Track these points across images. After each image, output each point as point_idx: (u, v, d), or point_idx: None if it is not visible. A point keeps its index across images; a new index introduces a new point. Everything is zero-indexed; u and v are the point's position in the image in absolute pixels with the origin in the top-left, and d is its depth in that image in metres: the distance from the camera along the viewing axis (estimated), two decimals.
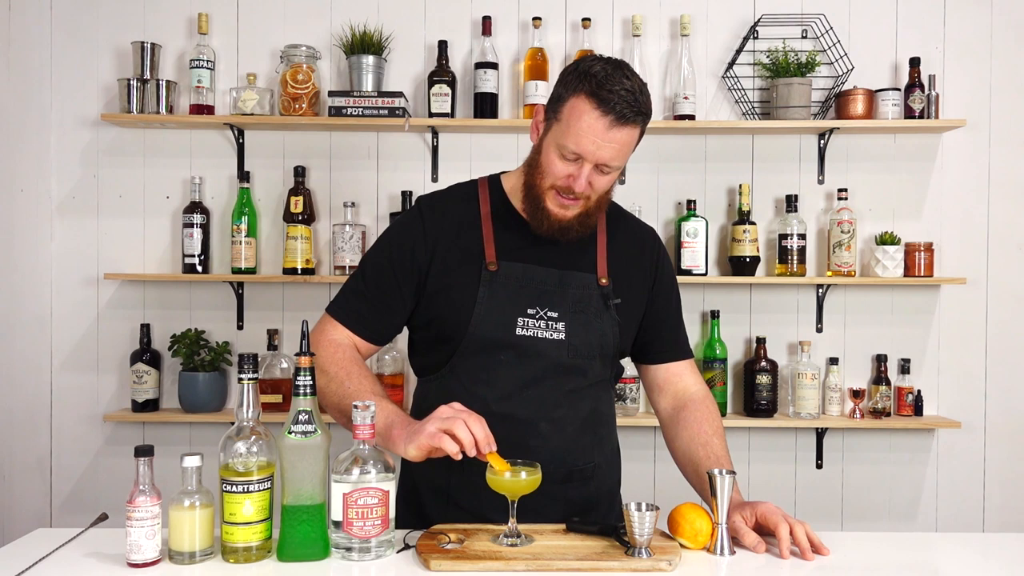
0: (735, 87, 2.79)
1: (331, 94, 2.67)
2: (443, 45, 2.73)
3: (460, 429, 1.32)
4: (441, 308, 1.54)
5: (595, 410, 1.60)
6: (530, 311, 1.53)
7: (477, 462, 1.37)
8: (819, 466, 2.83)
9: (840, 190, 2.75)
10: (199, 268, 2.73)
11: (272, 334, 2.76)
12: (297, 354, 1.34)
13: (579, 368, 1.55)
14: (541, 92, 2.71)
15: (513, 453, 1.40)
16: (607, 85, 1.40)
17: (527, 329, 1.53)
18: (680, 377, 1.69)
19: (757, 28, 2.78)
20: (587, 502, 1.58)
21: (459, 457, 1.32)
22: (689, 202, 2.74)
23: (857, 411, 2.74)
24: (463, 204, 1.60)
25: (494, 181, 1.65)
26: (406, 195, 2.76)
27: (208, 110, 2.73)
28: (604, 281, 1.58)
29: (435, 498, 1.56)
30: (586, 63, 1.45)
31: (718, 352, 2.73)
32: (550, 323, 1.54)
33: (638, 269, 1.65)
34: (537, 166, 1.51)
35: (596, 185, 1.48)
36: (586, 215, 1.51)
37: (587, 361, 1.56)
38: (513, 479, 1.37)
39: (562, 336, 1.54)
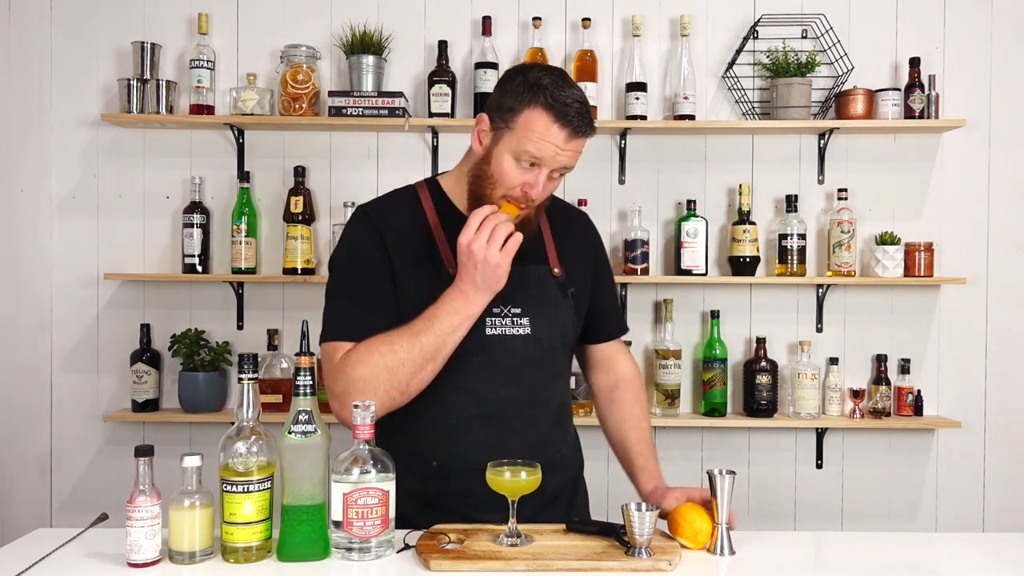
0: (735, 87, 2.79)
1: (331, 94, 2.67)
2: (443, 45, 2.73)
3: (497, 238, 1.39)
4: (410, 314, 1.47)
5: (563, 403, 1.66)
6: (495, 309, 1.52)
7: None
8: (819, 466, 2.83)
9: (840, 190, 2.76)
10: (199, 268, 2.73)
11: (272, 334, 2.76)
12: (297, 354, 1.35)
13: (546, 361, 1.58)
14: None
15: (493, 452, 1.43)
16: (561, 97, 1.42)
17: (495, 328, 1.54)
18: (616, 355, 1.77)
19: (757, 28, 2.78)
20: (556, 491, 1.61)
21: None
22: (689, 202, 2.74)
23: (857, 411, 2.74)
24: (408, 210, 1.59)
25: (433, 184, 1.64)
26: None
27: (208, 110, 2.73)
28: (558, 271, 1.61)
29: (414, 504, 1.52)
30: (533, 74, 1.45)
31: (718, 352, 2.73)
32: (515, 319, 1.55)
33: (582, 254, 1.69)
34: (486, 176, 1.49)
35: (548, 189, 1.51)
36: (528, 220, 1.51)
37: (552, 353, 1.59)
38: (513, 479, 1.38)
39: (528, 331, 1.56)
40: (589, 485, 1.75)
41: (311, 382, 1.33)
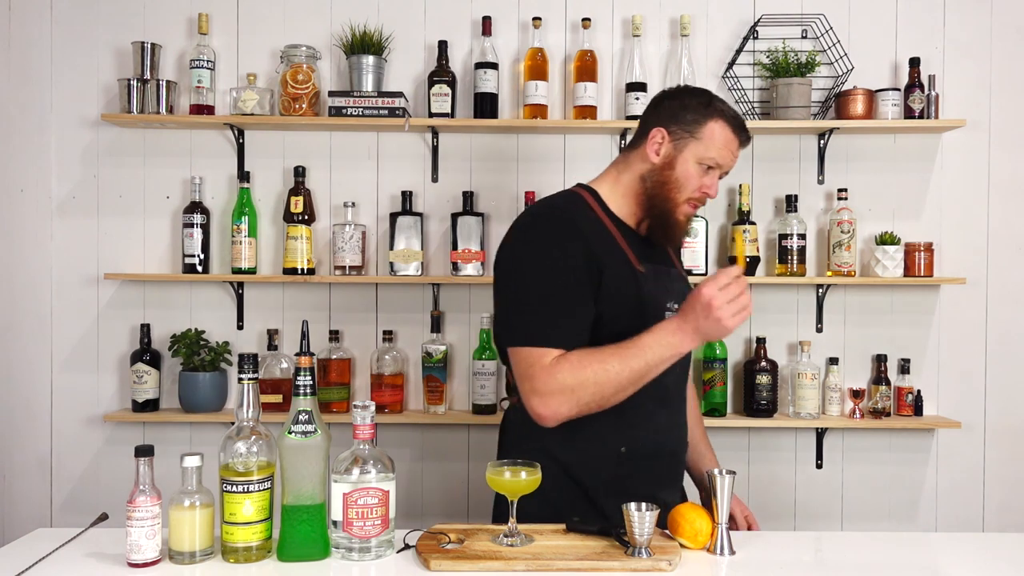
0: (735, 87, 2.79)
1: (331, 94, 2.67)
2: (443, 45, 2.74)
3: (738, 302, 1.48)
4: (616, 310, 1.59)
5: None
6: (668, 308, 1.65)
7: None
8: (819, 466, 2.83)
9: (840, 190, 2.76)
10: (199, 268, 2.73)
11: (272, 334, 2.76)
12: (297, 354, 1.35)
13: (688, 356, 1.70)
14: (541, 92, 2.71)
15: (667, 435, 1.63)
16: (734, 113, 1.68)
17: None
18: None
19: (757, 28, 2.79)
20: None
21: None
22: None
23: (857, 411, 2.74)
24: (588, 213, 1.66)
25: (592, 192, 1.71)
26: (406, 195, 2.76)
27: (208, 110, 2.73)
28: (684, 272, 1.84)
29: (607, 492, 1.58)
30: (704, 94, 1.69)
31: (718, 352, 2.73)
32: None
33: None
34: (671, 182, 1.65)
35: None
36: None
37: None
38: (513, 479, 1.38)
39: None
40: None
41: (311, 382, 1.33)
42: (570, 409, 1.47)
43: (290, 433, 1.31)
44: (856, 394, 2.74)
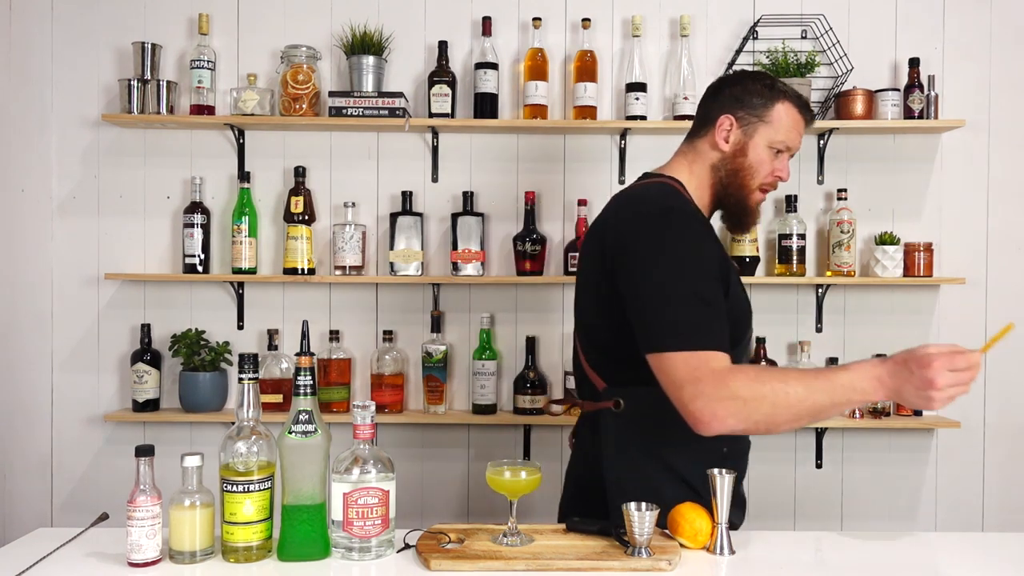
0: None
1: (331, 94, 2.67)
2: (443, 45, 2.74)
3: (961, 381, 1.31)
4: (735, 309, 1.54)
5: None
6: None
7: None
8: (819, 466, 2.83)
9: (840, 190, 2.76)
10: (199, 268, 2.73)
11: (272, 334, 2.76)
12: (297, 354, 1.35)
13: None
14: (541, 92, 2.71)
15: (749, 438, 1.64)
16: (797, 94, 1.65)
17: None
18: None
19: (757, 28, 2.79)
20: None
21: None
22: None
23: (856, 411, 2.74)
24: (695, 208, 1.62)
25: (680, 185, 1.65)
26: (406, 195, 2.76)
27: (208, 110, 2.73)
28: None
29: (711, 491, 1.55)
30: (766, 77, 1.66)
31: None
32: None
33: None
34: (745, 168, 1.63)
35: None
36: None
37: None
38: (513, 479, 1.38)
39: None
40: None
41: (311, 382, 1.33)
42: (738, 422, 1.34)
43: (290, 433, 1.32)
44: None
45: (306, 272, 2.70)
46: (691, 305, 1.42)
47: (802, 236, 2.72)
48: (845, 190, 2.75)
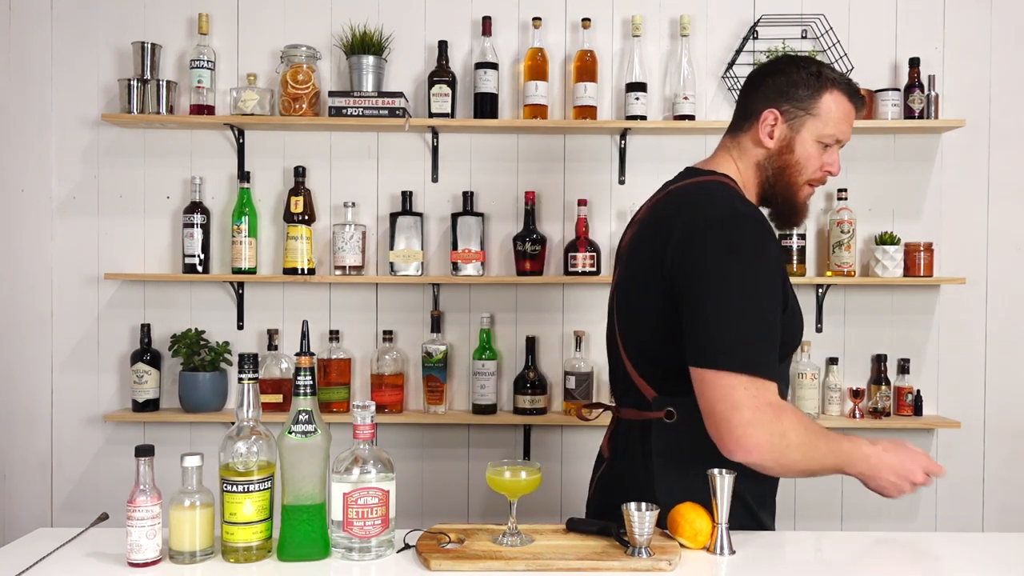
0: (735, 87, 2.79)
1: (331, 94, 2.67)
2: (443, 45, 2.74)
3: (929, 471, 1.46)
4: (793, 319, 1.53)
5: None
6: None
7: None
8: None
9: (840, 190, 2.76)
10: (199, 268, 2.73)
11: (272, 334, 2.76)
12: (297, 354, 1.35)
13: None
14: (541, 92, 2.71)
15: None
16: (846, 80, 1.56)
17: None
18: None
19: (757, 28, 2.79)
20: None
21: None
22: None
23: (857, 411, 2.74)
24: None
25: (734, 183, 1.57)
26: (406, 195, 2.76)
27: (208, 110, 2.73)
28: None
29: (759, 507, 1.55)
30: (811, 63, 1.56)
31: None
32: None
33: None
34: (792, 165, 1.55)
35: None
36: None
37: None
38: (513, 479, 1.38)
39: None
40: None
41: (311, 382, 1.33)
42: (770, 460, 1.34)
43: (290, 433, 1.32)
44: (856, 394, 2.74)
45: (306, 272, 2.70)
46: (757, 326, 1.38)
47: (802, 236, 2.72)
48: (845, 190, 2.75)
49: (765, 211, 1.58)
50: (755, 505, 1.52)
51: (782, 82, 1.55)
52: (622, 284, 1.60)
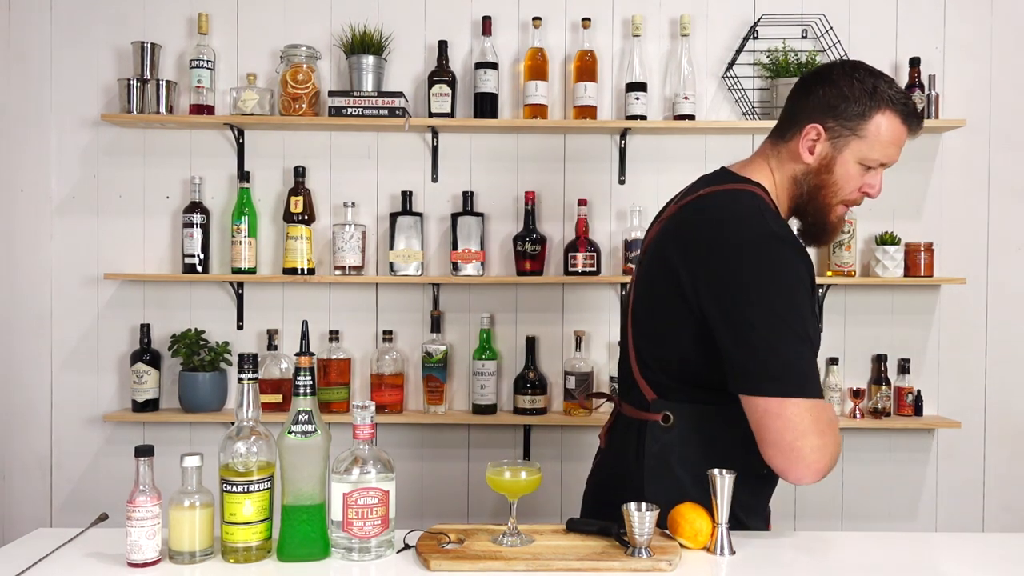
0: (735, 87, 2.79)
1: (331, 94, 2.67)
2: (443, 45, 2.73)
3: None
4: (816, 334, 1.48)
5: None
6: None
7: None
8: None
9: None
10: (199, 268, 2.73)
11: (272, 334, 2.76)
12: (297, 354, 1.34)
13: None
14: (541, 92, 2.71)
15: None
16: (906, 100, 1.46)
17: None
18: None
19: (757, 28, 2.78)
20: None
21: None
22: None
23: (857, 411, 2.74)
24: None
25: (766, 193, 1.50)
26: (406, 195, 2.76)
27: (208, 110, 2.73)
28: None
29: (754, 512, 1.55)
30: (867, 76, 1.46)
31: None
32: None
33: None
34: (828, 185, 1.48)
35: None
36: None
37: None
38: (513, 479, 1.38)
39: None
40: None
41: (311, 382, 1.33)
42: (829, 473, 1.36)
43: (290, 433, 1.31)
44: (856, 394, 2.74)
45: (306, 272, 2.70)
46: (804, 348, 1.35)
47: None
48: None
49: (794, 224, 1.55)
50: (743, 514, 1.50)
51: (832, 94, 1.45)
52: (639, 283, 1.57)
